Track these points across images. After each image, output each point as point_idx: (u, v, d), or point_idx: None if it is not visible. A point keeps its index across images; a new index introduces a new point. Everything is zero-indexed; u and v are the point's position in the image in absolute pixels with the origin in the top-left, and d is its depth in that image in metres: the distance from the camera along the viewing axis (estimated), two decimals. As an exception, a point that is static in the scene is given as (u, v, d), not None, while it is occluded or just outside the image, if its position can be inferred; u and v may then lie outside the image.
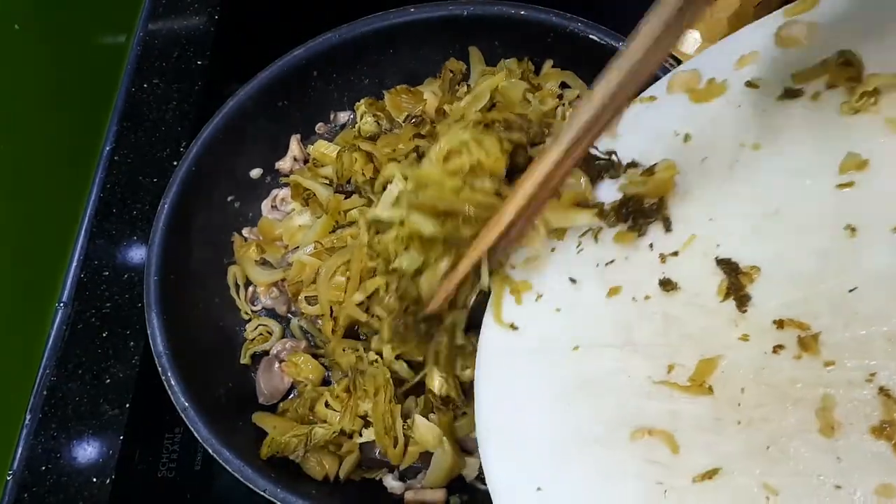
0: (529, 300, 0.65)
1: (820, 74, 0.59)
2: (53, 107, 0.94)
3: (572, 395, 0.57)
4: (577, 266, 0.63)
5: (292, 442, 0.71)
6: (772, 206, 0.55)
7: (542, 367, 0.60)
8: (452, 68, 0.89)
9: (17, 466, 0.79)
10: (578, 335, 0.60)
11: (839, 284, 0.50)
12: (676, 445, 0.51)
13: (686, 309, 0.56)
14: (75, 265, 0.91)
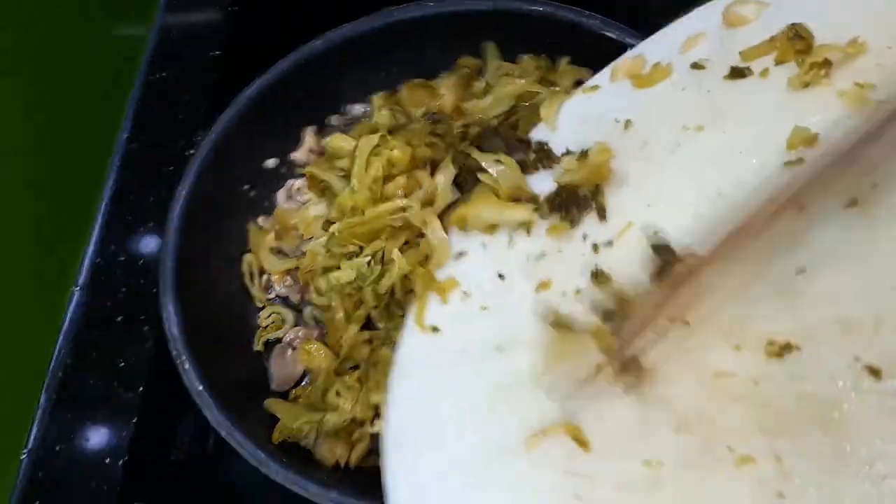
0: (455, 300, 0.61)
1: (769, 50, 0.56)
2: (71, 93, 0.95)
3: (491, 400, 0.52)
4: (507, 261, 0.60)
5: (304, 428, 0.72)
6: (713, 189, 0.52)
7: (462, 373, 0.55)
8: (467, 65, 0.90)
9: (32, 446, 0.80)
10: (503, 334, 0.55)
11: (786, 267, 0.47)
12: (585, 441, 0.47)
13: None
14: (91, 250, 0.92)
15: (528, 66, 0.87)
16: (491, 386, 0.53)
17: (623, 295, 0.51)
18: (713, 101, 0.57)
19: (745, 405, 0.43)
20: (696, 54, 0.60)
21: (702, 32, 0.61)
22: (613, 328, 0.50)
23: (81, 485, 0.77)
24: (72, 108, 0.94)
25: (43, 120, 0.88)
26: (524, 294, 0.56)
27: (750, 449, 0.41)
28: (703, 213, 0.51)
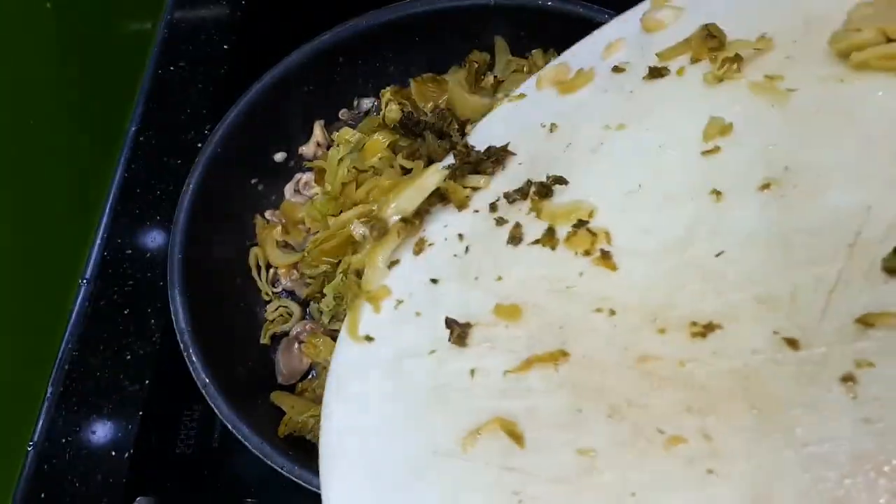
0: (389, 308, 0.60)
1: (684, 50, 0.59)
2: (80, 85, 0.95)
3: (425, 405, 0.52)
4: (439, 265, 0.60)
5: (309, 422, 0.71)
6: (634, 182, 0.54)
7: (396, 379, 0.55)
8: (476, 60, 0.89)
9: (38, 438, 0.80)
10: (436, 338, 0.55)
11: (706, 250, 0.48)
12: (520, 435, 0.46)
13: (548, 296, 0.53)
14: (99, 243, 0.92)
15: (538, 61, 0.86)
16: (425, 390, 0.53)
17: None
18: (634, 101, 0.60)
19: (673, 387, 0.43)
20: (617, 59, 0.63)
21: (621, 38, 0.64)
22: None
23: (87, 477, 0.78)
24: (80, 101, 0.94)
25: (51, 113, 0.88)
26: (456, 295, 0.57)
27: (679, 429, 0.42)
28: (624, 205, 0.54)
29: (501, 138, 0.66)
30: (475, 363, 0.52)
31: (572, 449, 0.44)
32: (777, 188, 0.48)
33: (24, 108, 0.84)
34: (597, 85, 0.63)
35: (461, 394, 0.51)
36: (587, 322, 0.49)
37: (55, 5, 0.87)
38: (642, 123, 0.58)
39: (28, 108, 0.84)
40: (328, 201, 0.78)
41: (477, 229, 0.61)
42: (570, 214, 0.56)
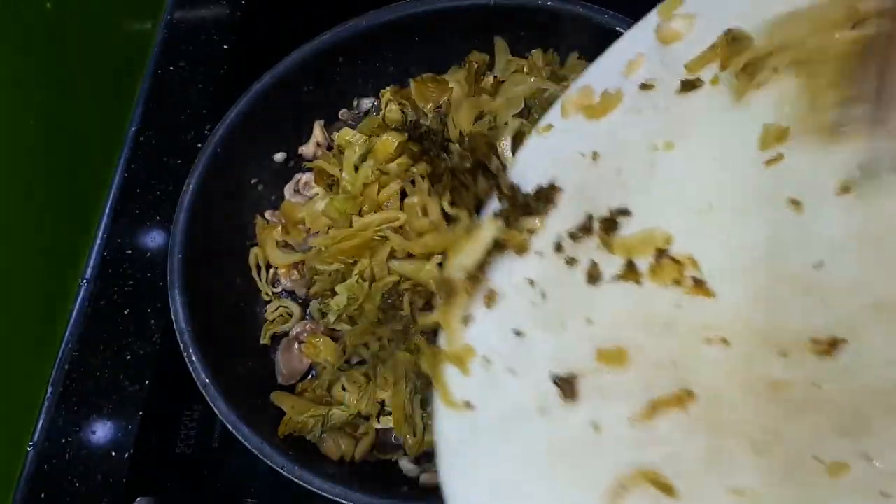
0: (478, 368, 0.58)
1: (711, 58, 0.56)
2: (80, 85, 0.95)
3: (554, 467, 0.50)
4: (518, 316, 0.58)
5: (309, 422, 0.72)
6: (702, 201, 0.52)
7: (513, 443, 0.52)
8: (476, 60, 0.89)
9: (38, 438, 0.80)
10: (540, 393, 0.53)
11: (801, 263, 0.46)
12: (669, 486, 0.44)
13: (648, 334, 0.50)
14: (99, 243, 0.92)
15: (538, 61, 0.86)
16: (548, 450, 0.51)
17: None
18: (673, 116, 0.57)
19: (815, 411, 0.42)
20: (642, 75, 0.61)
21: (640, 54, 0.62)
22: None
23: (87, 478, 0.78)
24: (81, 102, 0.94)
25: (51, 114, 0.88)
26: (547, 346, 0.54)
27: (837, 455, 0.40)
28: (699, 227, 0.51)
29: (541, 174, 0.63)
30: (593, 416, 0.49)
31: (729, 490, 0.42)
32: (857, 189, 0.46)
33: (23, 108, 0.84)
34: (627, 105, 0.60)
35: (590, 449, 0.49)
36: (700, 356, 0.47)
37: (55, 5, 0.87)
38: (690, 139, 0.55)
39: (28, 107, 0.84)
40: (348, 200, 0.77)
41: (547, 273, 0.59)
42: (646, 245, 0.54)
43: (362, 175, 0.78)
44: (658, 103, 0.59)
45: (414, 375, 0.71)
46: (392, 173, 0.78)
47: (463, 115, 0.81)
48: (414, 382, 0.71)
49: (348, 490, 0.64)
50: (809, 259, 0.45)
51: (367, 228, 0.74)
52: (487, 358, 0.57)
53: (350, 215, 0.77)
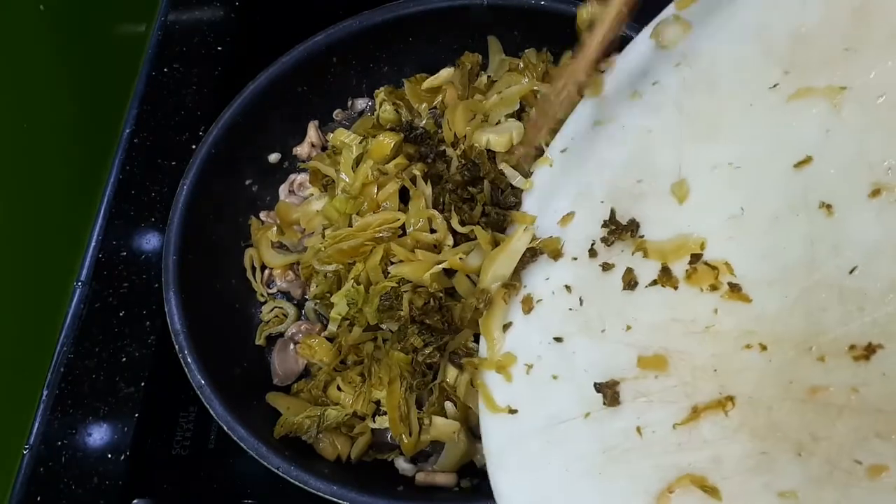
0: (520, 375, 0.60)
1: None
2: (75, 87, 0.94)
3: (601, 470, 0.51)
4: (557, 321, 0.60)
5: (305, 422, 0.71)
6: (734, 206, 0.53)
7: (558, 448, 0.55)
8: (468, 62, 0.89)
9: (34, 441, 0.80)
10: (584, 398, 0.55)
11: (836, 268, 0.46)
12: (714, 488, 0.46)
13: (688, 340, 0.51)
14: (93, 245, 0.92)
15: (532, 61, 0.86)
16: (595, 454, 0.52)
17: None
18: (702, 119, 0.58)
19: (852, 415, 0.42)
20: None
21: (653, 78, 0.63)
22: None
23: (83, 480, 0.77)
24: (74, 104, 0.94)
25: (45, 115, 0.88)
26: (590, 353, 0.56)
27: (877, 457, 0.41)
28: (733, 234, 0.52)
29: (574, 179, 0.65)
30: (638, 420, 0.51)
31: (772, 493, 0.44)
32: (888, 193, 0.46)
33: (17, 111, 0.83)
34: (649, 103, 0.61)
35: (636, 453, 0.50)
36: (740, 361, 0.48)
37: (48, 7, 0.87)
38: (719, 143, 0.55)
39: (22, 110, 0.84)
40: (348, 200, 0.78)
41: (583, 278, 0.60)
42: (680, 250, 0.54)
43: (361, 175, 0.78)
44: (684, 105, 0.59)
45: (409, 375, 0.71)
46: (390, 173, 0.78)
47: (458, 118, 0.81)
48: (409, 382, 0.71)
49: (344, 490, 0.64)
50: (844, 264, 0.46)
51: (366, 229, 0.75)
52: (530, 364, 0.60)
53: (349, 216, 0.77)
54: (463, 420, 0.71)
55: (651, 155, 0.60)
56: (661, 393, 0.51)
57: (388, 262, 0.74)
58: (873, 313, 0.44)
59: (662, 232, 0.57)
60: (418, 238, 0.73)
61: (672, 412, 0.50)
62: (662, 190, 0.58)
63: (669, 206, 0.57)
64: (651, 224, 0.58)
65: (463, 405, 0.70)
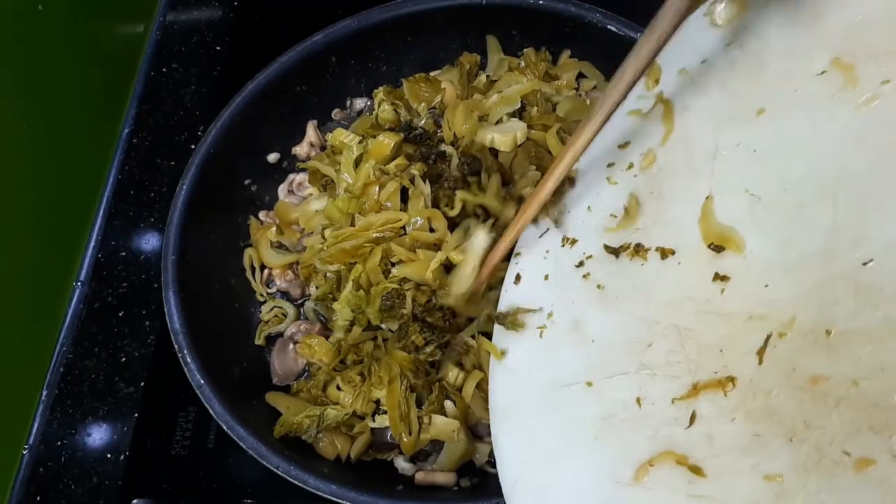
0: (532, 334, 0.63)
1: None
2: (74, 88, 0.94)
3: (595, 434, 0.53)
4: (571, 288, 0.62)
5: (305, 422, 0.72)
6: (764, 190, 0.52)
7: (558, 410, 0.57)
8: (467, 62, 0.89)
9: (33, 441, 0.80)
10: (590, 368, 0.57)
11: (853, 261, 0.46)
12: (697, 468, 0.47)
13: (699, 318, 0.52)
14: (93, 245, 0.92)
15: (531, 60, 0.86)
16: (592, 419, 0.54)
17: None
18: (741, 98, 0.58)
19: (850, 407, 0.43)
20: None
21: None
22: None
23: (83, 480, 0.77)
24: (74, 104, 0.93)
25: (44, 117, 0.88)
26: (603, 323, 0.58)
27: (866, 451, 0.41)
28: (756, 216, 0.53)
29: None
30: (639, 391, 0.53)
31: (759, 474, 0.44)
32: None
33: (16, 111, 0.83)
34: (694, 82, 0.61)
35: (632, 423, 0.52)
36: (747, 344, 0.49)
37: (46, 7, 0.87)
38: (756, 126, 0.55)
39: (20, 111, 0.84)
40: (350, 200, 0.78)
41: (598, 253, 0.62)
42: (706, 231, 0.55)
43: (363, 175, 0.78)
44: (729, 85, 0.59)
45: (411, 374, 0.71)
46: (391, 173, 0.78)
47: (458, 117, 0.81)
48: (409, 381, 0.71)
49: (344, 489, 0.64)
50: (862, 258, 0.46)
51: (369, 229, 0.74)
52: (542, 326, 0.63)
53: (352, 215, 0.77)
54: (462, 419, 0.71)
55: (689, 133, 0.60)
56: (666, 367, 0.52)
57: (388, 262, 0.74)
58: (886, 309, 0.44)
59: (687, 211, 0.56)
60: (418, 238, 0.74)
61: (673, 387, 0.51)
62: (694, 168, 0.58)
63: (698, 186, 0.57)
64: (677, 203, 0.58)
65: (462, 404, 0.70)
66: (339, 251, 0.75)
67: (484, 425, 0.73)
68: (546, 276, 0.65)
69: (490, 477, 0.71)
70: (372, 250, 0.74)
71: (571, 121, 0.81)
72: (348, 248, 0.75)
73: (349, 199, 0.78)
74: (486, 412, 0.70)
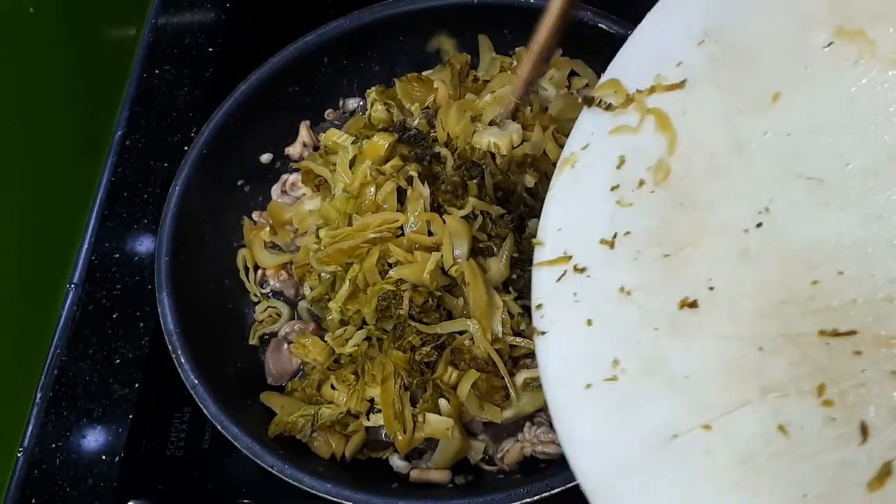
0: (601, 394, 0.55)
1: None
2: (66, 90, 0.95)
3: (740, 481, 0.46)
4: (638, 332, 0.56)
5: (299, 421, 0.72)
6: (818, 170, 0.51)
7: (677, 470, 0.49)
8: (457, 62, 0.89)
9: (28, 444, 0.80)
10: (696, 409, 0.50)
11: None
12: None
13: (809, 319, 0.48)
14: (86, 247, 0.92)
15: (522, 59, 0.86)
16: (724, 467, 0.48)
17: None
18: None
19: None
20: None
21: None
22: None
23: (78, 482, 0.77)
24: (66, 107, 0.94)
25: (37, 119, 0.88)
26: (692, 360, 0.53)
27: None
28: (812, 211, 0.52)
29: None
30: (776, 419, 0.48)
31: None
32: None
33: (8, 114, 0.83)
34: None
35: (785, 457, 0.47)
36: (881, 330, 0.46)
37: (38, 10, 0.87)
38: (777, 111, 0.54)
39: (13, 113, 0.84)
40: (347, 200, 0.77)
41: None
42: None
43: (360, 175, 0.78)
44: (721, 80, 0.58)
45: (405, 374, 0.71)
46: (387, 174, 0.78)
47: (451, 118, 0.81)
48: (403, 380, 0.71)
49: (339, 487, 0.64)
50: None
51: (366, 229, 0.74)
52: (610, 378, 0.55)
53: (349, 215, 0.77)
54: (457, 417, 0.71)
55: (698, 135, 0.58)
56: (796, 383, 0.48)
57: (386, 262, 0.74)
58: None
59: (737, 213, 0.54)
60: (416, 240, 0.74)
61: (817, 402, 0.47)
62: (720, 168, 0.56)
63: (736, 184, 0.55)
64: (720, 207, 0.55)
65: (456, 402, 0.70)
66: (336, 251, 0.75)
67: (478, 423, 0.73)
68: (589, 322, 0.58)
69: (485, 474, 0.72)
70: (369, 251, 0.74)
71: (564, 120, 0.81)
72: (345, 248, 0.74)
73: (347, 199, 0.77)
74: (480, 410, 0.70)
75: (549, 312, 0.61)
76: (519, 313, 0.72)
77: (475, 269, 0.71)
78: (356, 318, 0.74)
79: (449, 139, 0.80)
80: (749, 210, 0.53)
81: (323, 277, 0.78)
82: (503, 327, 0.71)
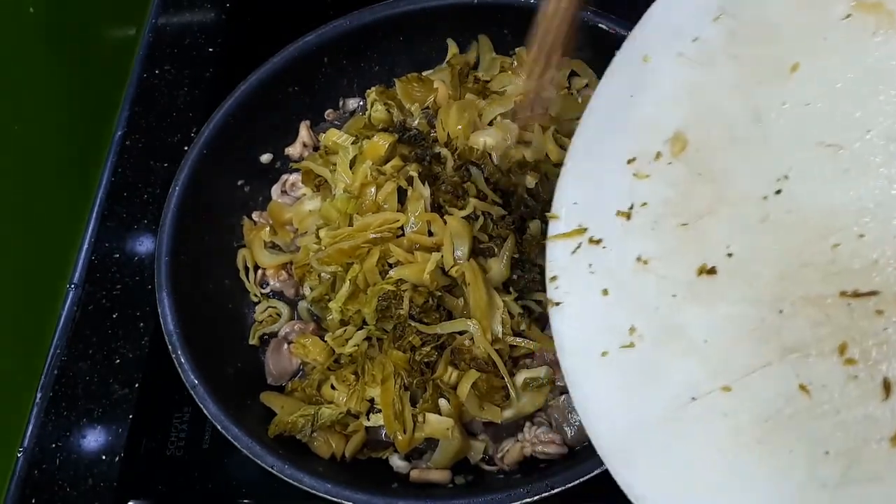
0: (618, 360, 0.56)
1: None
2: (66, 90, 0.95)
3: (762, 439, 0.47)
4: (656, 299, 0.56)
5: (299, 421, 0.72)
6: (837, 138, 0.50)
7: (698, 431, 0.50)
8: (457, 62, 0.90)
9: (28, 444, 0.80)
10: (716, 372, 0.50)
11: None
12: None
13: (831, 281, 0.48)
14: (86, 247, 0.92)
15: (523, 60, 0.86)
16: (746, 426, 0.49)
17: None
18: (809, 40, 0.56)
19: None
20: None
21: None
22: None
23: (78, 482, 0.77)
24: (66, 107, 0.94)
25: (37, 119, 0.88)
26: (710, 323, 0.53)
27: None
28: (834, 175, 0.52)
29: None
30: (797, 379, 0.48)
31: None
32: None
33: (8, 114, 0.83)
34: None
35: (806, 416, 0.47)
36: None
37: (38, 10, 0.87)
38: (796, 82, 0.54)
39: (13, 113, 0.84)
40: (350, 200, 0.78)
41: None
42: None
43: (361, 175, 0.78)
44: (740, 54, 0.58)
45: (405, 374, 0.71)
46: (387, 174, 0.78)
47: (451, 118, 0.81)
48: (403, 380, 0.71)
49: (339, 487, 0.64)
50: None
51: (366, 229, 0.74)
52: (627, 345, 0.56)
53: (349, 215, 0.77)
54: (457, 417, 0.71)
55: (715, 108, 0.58)
56: (819, 344, 0.48)
57: (386, 263, 0.74)
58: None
59: (756, 183, 0.54)
60: (417, 241, 0.74)
61: (839, 362, 0.47)
62: (739, 139, 0.56)
63: (755, 155, 0.55)
64: (739, 177, 0.55)
65: (456, 401, 0.70)
66: (336, 251, 0.75)
67: (478, 423, 0.73)
68: (605, 291, 0.59)
69: (485, 474, 0.72)
70: (369, 251, 0.74)
71: (565, 120, 0.81)
72: (346, 248, 0.74)
73: (347, 199, 0.77)
74: (480, 410, 0.70)
75: (563, 284, 0.62)
76: (519, 313, 0.72)
77: (476, 270, 0.71)
78: (356, 318, 0.74)
79: (449, 139, 0.80)
80: (768, 178, 0.53)
81: (323, 277, 0.78)
82: (503, 327, 0.71)
